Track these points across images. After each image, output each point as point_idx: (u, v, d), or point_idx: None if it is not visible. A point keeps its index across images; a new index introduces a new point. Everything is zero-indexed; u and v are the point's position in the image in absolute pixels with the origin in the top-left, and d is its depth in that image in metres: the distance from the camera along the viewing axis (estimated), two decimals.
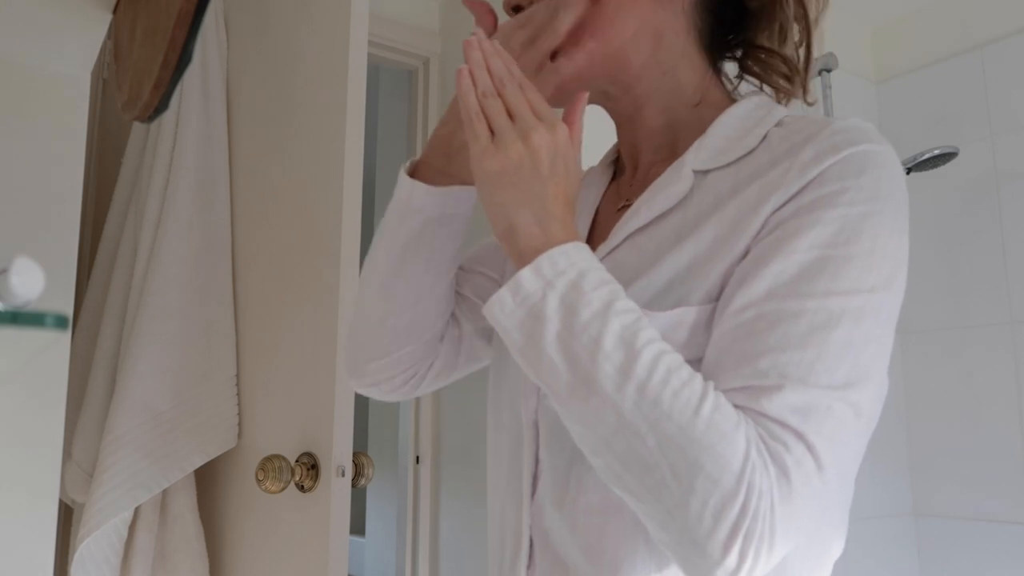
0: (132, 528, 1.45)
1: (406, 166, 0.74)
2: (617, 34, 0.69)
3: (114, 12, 1.37)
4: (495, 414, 0.76)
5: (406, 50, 2.03)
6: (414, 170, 0.74)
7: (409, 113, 2.10)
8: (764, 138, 0.65)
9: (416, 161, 0.74)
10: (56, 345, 1.25)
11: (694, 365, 0.57)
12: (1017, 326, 2.07)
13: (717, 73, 0.74)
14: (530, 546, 0.67)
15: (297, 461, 1.28)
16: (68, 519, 1.55)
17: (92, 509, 1.37)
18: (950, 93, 2.26)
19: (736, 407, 0.54)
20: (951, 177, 2.22)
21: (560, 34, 0.69)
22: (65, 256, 1.28)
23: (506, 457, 0.72)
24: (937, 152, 2.03)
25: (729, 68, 0.76)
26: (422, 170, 0.73)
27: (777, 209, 0.59)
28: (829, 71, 2.07)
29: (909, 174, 2.09)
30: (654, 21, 0.70)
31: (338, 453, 1.24)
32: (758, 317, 0.56)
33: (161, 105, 1.21)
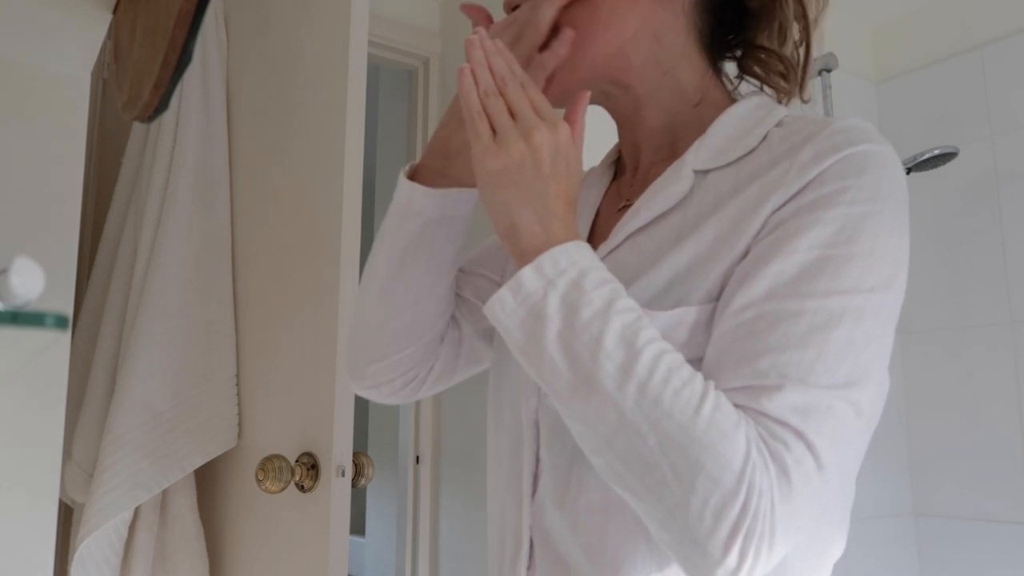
0: (132, 528, 1.45)
1: (405, 170, 0.74)
2: (616, 34, 0.69)
3: (114, 12, 1.37)
4: (495, 415, 0.76)
5: (406, 50, 2.03)
6: (414, 173, 0.74)
7: (409, 113, 2.10)
8: (764, 138, 0.65)
9: (416, 165, 0.74)
10: (56, 345, 1.25)
11: (694, 365, 0.57)
12: (1017, 326, 2.07)
13: (717, 73, 0.74)
14: (530, 546, 0.67)
15: (297, 461, 1.28)
16: (68, 519, 1.55)
17: (92, 509, 1.37)
18: (950, 93, 2.26)
19: (736, 406, 0.54)
20: (951, 177, 2.22)
21: (541, 29, 0.69)
22: (65, 256, 1.28)
23: (506, 457, 0.72)
24: (937, 152, 2.03)
25: (729, 68, 0.76)
26: (422, 173, 0.74)
27: (777, 209, 0.59)
28: (829, 71, 2.07)
29: (909, 174, 2.09)
30: (654, 21, 0.70)
31: (338, 453, 1.24)
32: (758, 317, 0.56)
33: (161, 105, 1.22)
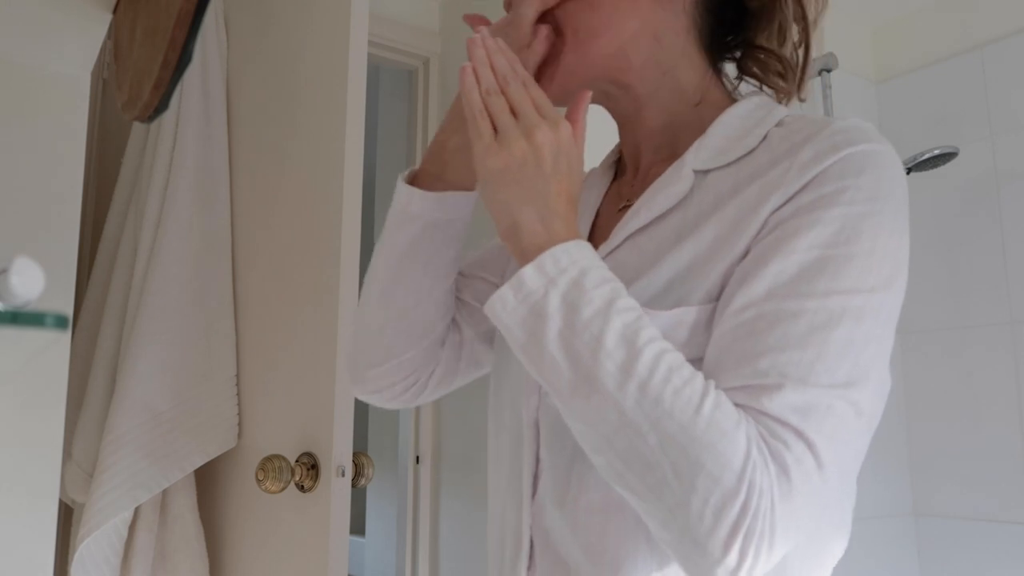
0: (132, 528, 1.45)
1: (404, 175, 0.74)
2: (616, 34, 0.69)
3: (114, 12, 1.37)
4: (496, 416, 0.76)
5: (406, 50, 2.03)
6: (412, 178, 0.75)
7: (409, 113, 2.10)
8: (764, 138, 0.65)
9: (415, 170, 0.75)
10: (56, 345, 1.25)
11: (694, 365, 0.57)
12: (1017, 326, 2.07)
13: (717, 73, 0.74)
14: (530, 546, 0.67)
15: (297, 461, 1.28)
16: (68, 519, 1.55)
17: (92, 509, 1.37)
18: (950, 93, 2.26)
19: (737, 406, 0.54)
20: (951, 177, 2.22)
21: (523, 29, 0.69)
22: (65, 256, 1.28)
23: (507, 457, 0.72)
24: (937, 152, 2.03)
25: (729, 69, 0.77)
26: (420, 177, 0.74)
27: (777, 209, 0.59)
28: (829, 71, 2.07)
29: (909, 174, 2.09)
30: (654, 21, 0.70)
31: (338, 453, 1.24)
32: (758, 317, 0.56)
33: (161, 105, 1.22)
